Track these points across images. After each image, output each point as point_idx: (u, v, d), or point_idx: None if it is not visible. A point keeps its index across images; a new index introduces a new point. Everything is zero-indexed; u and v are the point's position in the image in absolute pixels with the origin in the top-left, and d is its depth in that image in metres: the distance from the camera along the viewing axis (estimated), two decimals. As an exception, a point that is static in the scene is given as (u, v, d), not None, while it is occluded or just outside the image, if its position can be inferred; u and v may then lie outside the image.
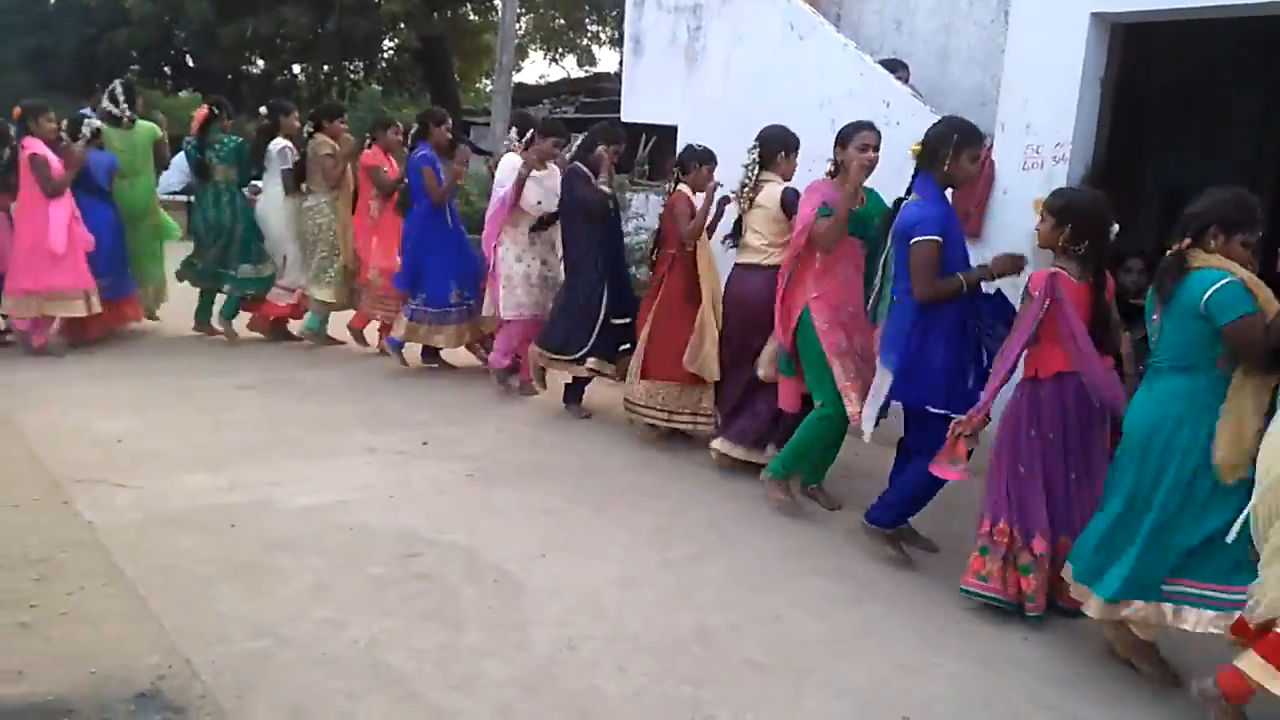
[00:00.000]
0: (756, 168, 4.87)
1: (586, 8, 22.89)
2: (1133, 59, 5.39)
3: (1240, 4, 4.45)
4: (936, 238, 3.80)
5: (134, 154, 6.94)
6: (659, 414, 5.31)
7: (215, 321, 7.33)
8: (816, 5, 6.73)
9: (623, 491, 4.76)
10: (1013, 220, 5.12)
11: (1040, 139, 5.03)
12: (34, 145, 6.29)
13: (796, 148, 4.95)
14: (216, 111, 7.08)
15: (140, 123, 7.04)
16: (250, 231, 7.08)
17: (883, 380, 4.01)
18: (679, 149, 6.97)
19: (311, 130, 6.96)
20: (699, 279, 5.14)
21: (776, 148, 4.87)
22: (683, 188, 5.26)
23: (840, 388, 4.34)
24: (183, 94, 22.35)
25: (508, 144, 6.20)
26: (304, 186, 7.00)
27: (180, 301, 7.48)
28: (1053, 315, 3.45)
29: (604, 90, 16.40)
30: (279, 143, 6.97)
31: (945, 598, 3.82)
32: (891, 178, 5.46)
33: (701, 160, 5.33)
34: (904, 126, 5.58)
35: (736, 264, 5.04)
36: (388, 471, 4.81)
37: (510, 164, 6.01)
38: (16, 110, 6.44)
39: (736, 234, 5.02)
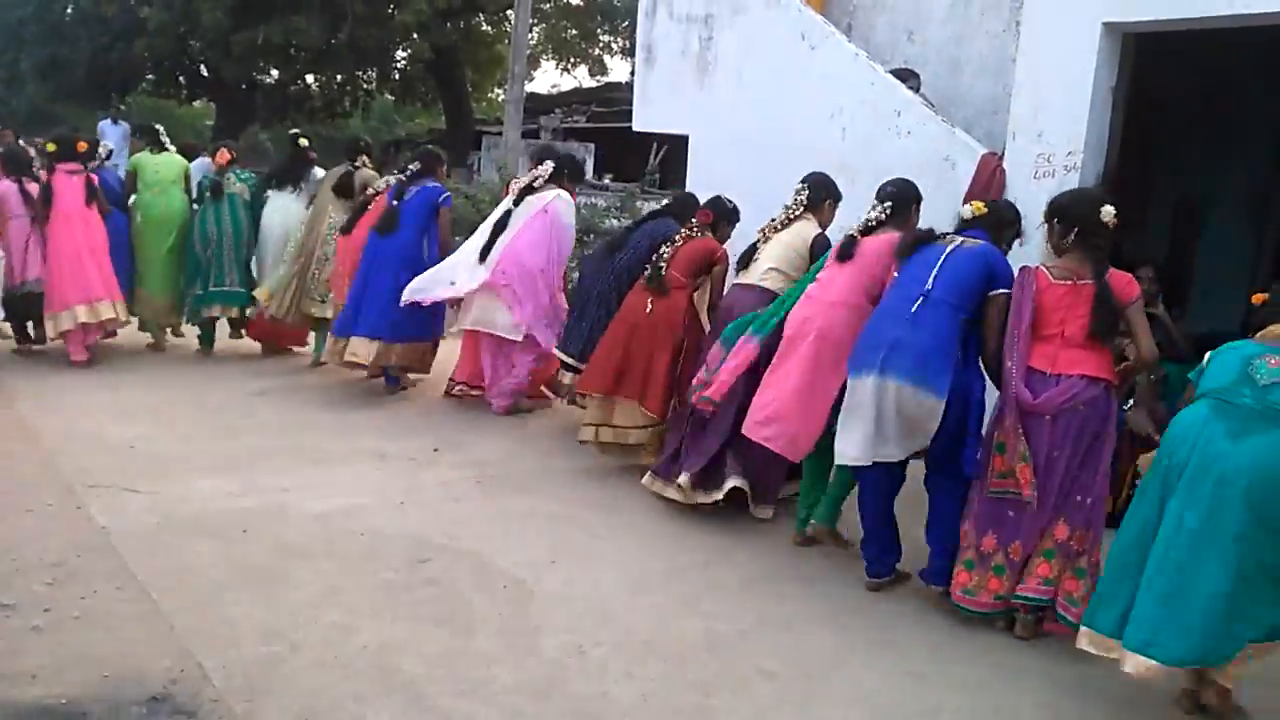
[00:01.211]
0: (802, 208, 4.70)
1: (598, 18, 23.00)
2: (1147, 68, 5.39)
3: (1253, 13, 4.44)
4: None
5: (167, 172, 7.19)
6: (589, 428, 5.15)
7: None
8: (828, 15, 6.74)
9: (631, 498, 4.76)
10: (1024, 229, 5.12)
11: (1052, 148, 5.03)
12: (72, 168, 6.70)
13: (839, 200, 4.80)
14: (233, 157, 7.34)
15: (172, 156, 7.35)
16: (247, 244, 7.14)
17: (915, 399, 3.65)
18: (689, 160, 7.01)
19: (359, 164, 6.97)
20: (691, 325, 5.05)
21: (824, 195, 4.72)
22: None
23: None
24: (196, 104, 22.48)
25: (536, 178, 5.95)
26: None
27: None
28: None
29: (615, 100, 16.47)
30: (320, 172, 7.14)
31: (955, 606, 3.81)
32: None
33: (732, 220, 5.26)
34: (915, 136, 5.60)
35: (736, 284, 4.77)
36: (399, 477, 4.83)
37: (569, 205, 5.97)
38: (51, 145, 6.74)
39: (748, 262, 4.73)
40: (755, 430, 4.16)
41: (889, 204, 4.23)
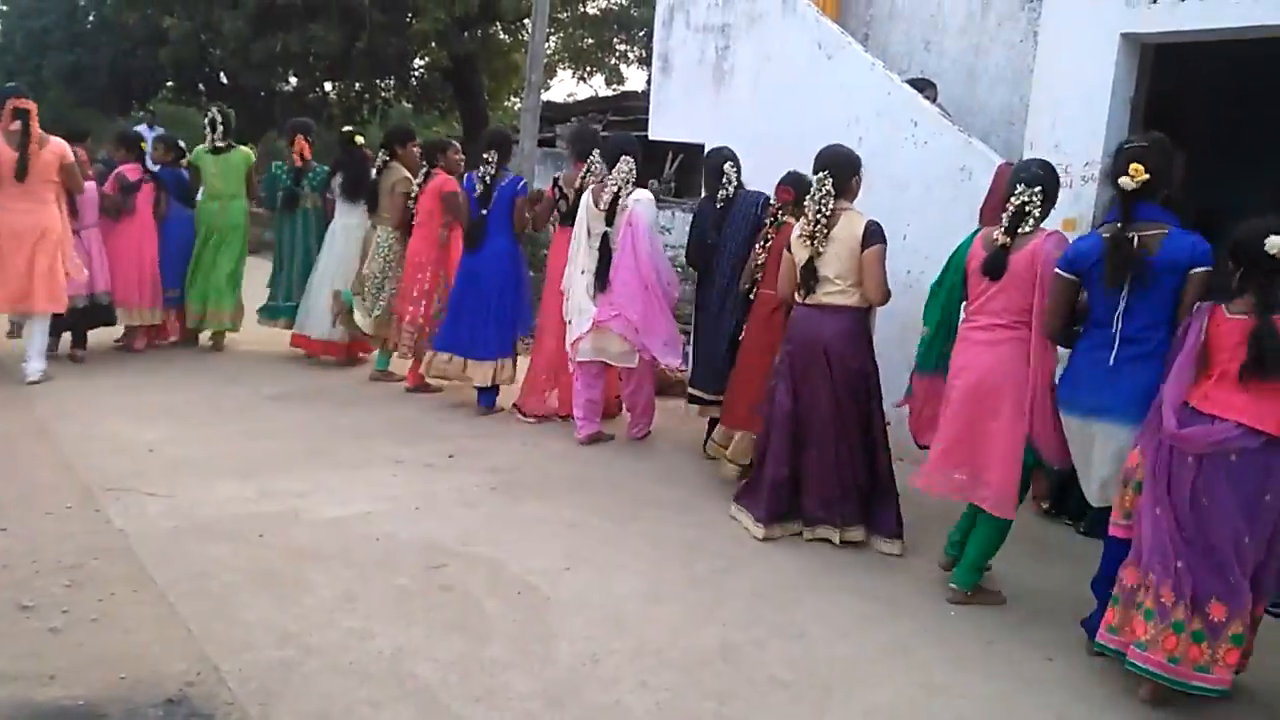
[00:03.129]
0: (831, 199, 4.24)
1: (615, 27, 23.02)
2: (1167, 78, 5.37)
3: (1273, 24, 4.42)
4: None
5: (228, 178, 7.21)
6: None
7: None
8: (845, 25, 6.75)
9: (648, 506, 4.77)
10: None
11: (1069, 159, 5.00)
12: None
13: (860, 169, 4.39)
14: (310, 141, 7.23)
15: (236, 148, 7.32)
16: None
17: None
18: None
19: (387, 159, 6.79)
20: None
21: (849, 172, 4.30)
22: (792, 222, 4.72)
23: None
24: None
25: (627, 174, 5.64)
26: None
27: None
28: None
29: (631, 109, 16.47)
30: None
31: (971, 617, 3.80)
32: (921, 195, 5.50)
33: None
34: (931, 146, 5.59)
35: (805, 305, 4.37)
36: (414, 483, 4.84)
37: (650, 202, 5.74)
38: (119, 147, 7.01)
39: (810, 280, 4.30)
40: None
41: (1039, 189, 3.66)
